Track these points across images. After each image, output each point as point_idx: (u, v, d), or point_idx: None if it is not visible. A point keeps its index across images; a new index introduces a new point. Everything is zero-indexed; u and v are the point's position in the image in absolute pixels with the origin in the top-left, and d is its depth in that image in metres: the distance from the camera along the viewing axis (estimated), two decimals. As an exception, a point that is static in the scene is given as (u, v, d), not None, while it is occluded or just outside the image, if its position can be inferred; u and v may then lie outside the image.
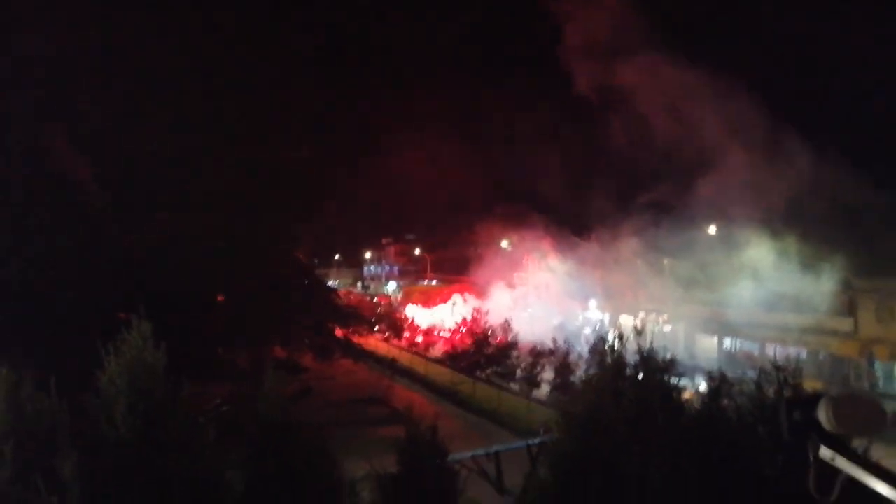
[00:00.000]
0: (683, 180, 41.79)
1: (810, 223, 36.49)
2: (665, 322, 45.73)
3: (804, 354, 35.59)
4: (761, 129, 39.80)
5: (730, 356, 41.12)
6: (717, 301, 40.35)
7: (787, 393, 7.93)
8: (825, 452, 2.56)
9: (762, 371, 9.36)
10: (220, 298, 29.17)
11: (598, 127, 48.64)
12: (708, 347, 43.80)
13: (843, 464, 2.51)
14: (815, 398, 2.64)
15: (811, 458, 2.58)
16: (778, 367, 9.11)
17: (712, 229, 43.77)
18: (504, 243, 61.94)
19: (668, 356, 9.43)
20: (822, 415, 2.55)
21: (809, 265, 36.10)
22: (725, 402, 8.94)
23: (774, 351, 36.83)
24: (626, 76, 45.16)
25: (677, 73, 42.73)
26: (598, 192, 48.77)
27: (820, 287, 35.56)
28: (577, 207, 51.37)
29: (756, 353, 39.15)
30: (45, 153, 18.83)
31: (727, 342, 43.41)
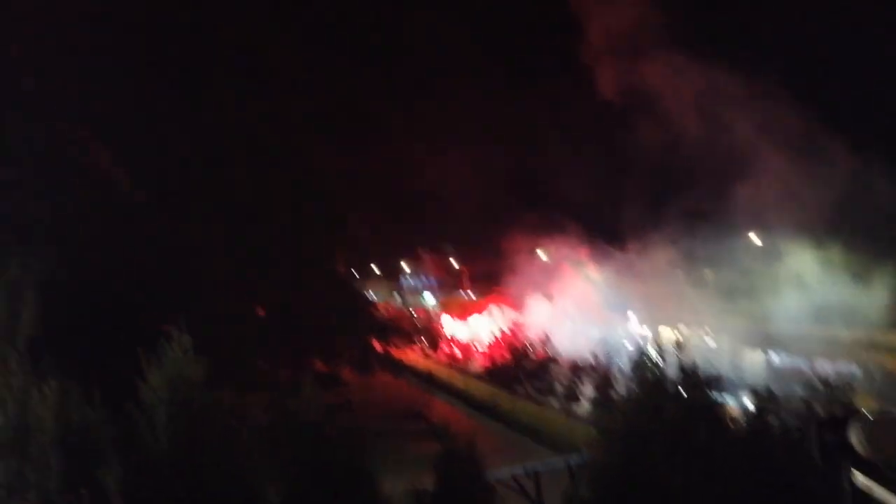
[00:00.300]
0: (724, 186, 40.88)
1: (863, 230, 35.28)
2: (708, 335, 44.62)
3: (857, 371, 34.32)
4: (805, 131, 38.78)
5: (777, 372, 39.87)
6: (763, 313, 39.19)
7: (837, 411, 7.65)
8: (860, 479, 2.35)
9: (811, 387, 9.06)
10: (261, 312, 29.61)
11: (633, 133, 47.95)
12: (754, 362, 42.55)
13: (881, 493, 2.30)
14: (846, 419, 2.44)
15: (845, 485, 2.37)
16: (827, 384, 8.80)
17: (756, 238, 42.66)
18: (541, 254, 61.43)
19: (712, 371, 9.22)
20: (855, 438, 2.36)
21: (862, 275, 34.86)
22: (771, 419, 8.68)
23: (825, 367, 35.62)
24: (659, 78, 44.56)
25: (713, 73, 42.03)
26: (636, 200, 48.02)
27: (874, 299, 34.27)
28: (615, 217, 50.66)
29: (805, 368, 37.89)
30: (90, 166, 19.49)
31: (774, 357, 42.10)
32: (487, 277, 67.61)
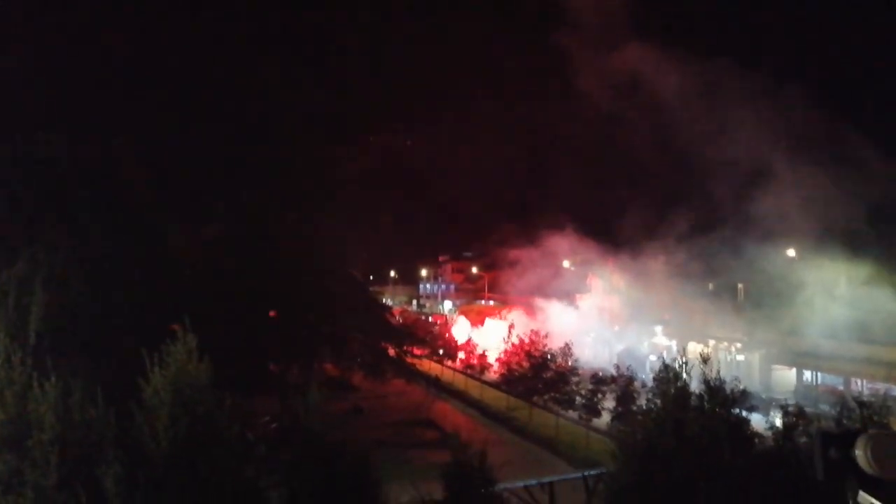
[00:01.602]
0: (759, 196, 40.45)
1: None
2: (738, 351, 44.05)
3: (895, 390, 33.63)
4: (841, 137, 38.32)
5: (809, 390, 39.22)
6: (796, 329, 38.60)
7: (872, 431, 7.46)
8: (864, 498, 2.27)
9: (844, 407, 8.85)
10: (272, 313, 29.77)
11: (663, 143, 47.81)
12: (785, 380, 41.90)
13: None
14: (854, 434, 2.35)
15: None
16: (862, 404, 8.60)
17: (792, 250, 42.02)
18: (565, 262, 61.16)
19: (740, 387, 9.06)
20: (861, 454, 2.26)
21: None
22: (803, 439, 8.52)
23: (861, 386, 34.93)
24: (688, 86, 44.38)
25: (744, 80, 41.82)
26: (664, 210, 47.75)
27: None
28: (642, 226, 50.33)
29: (840, 387, 37.19)
30: (102, 163, 19.81)
31: (807, 374, 41.43)
32: (508, 284, 67.59)
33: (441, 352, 52.75)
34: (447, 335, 58.10)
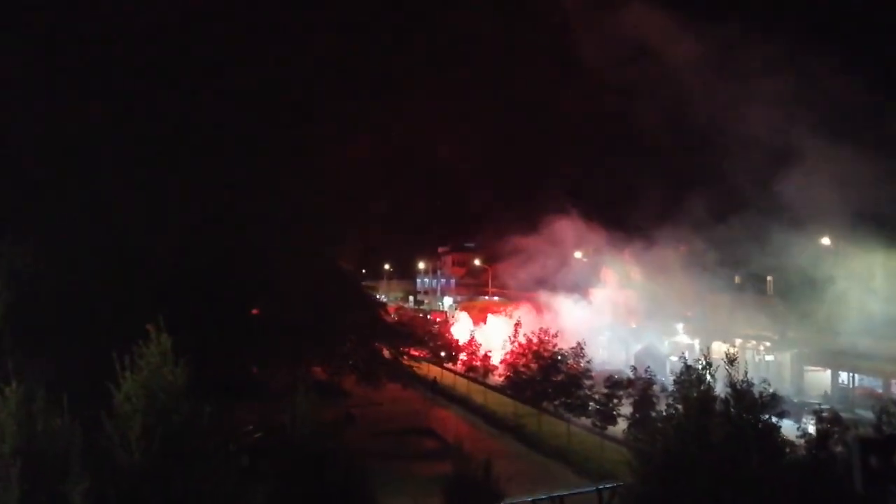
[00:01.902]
0: (788, 179, 40.39)
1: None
2: (767, 350, 44.17)
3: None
4: (878, 114, 38.23)
5: (846, 393, 39.35)
6: (831, 326, 38.66)
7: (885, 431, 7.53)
8: None
9: (884, 411, 8.88)
10: (255, 311, 29.83)
11: (687, 129, 47.76)
12: (819, 382, 42.03)
13: None
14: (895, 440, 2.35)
15: None
16: (904, 408, 8.62)
17: (826, 240, 41.99)
18: (577, 254, 61.17)
19: (769, 391, 9.09)
20: None
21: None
22: (839, 448, 8.55)
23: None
24: (716, 69, 44.33)
25: (768, 48, 41.77)
26: (686, 194, 47.68)
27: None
28: (662, 213, 50.31)
29: (879, 389, 37.31)
30: (72, 152, 19.84)
31: (843, 376, 41.55)
32: (514, 278, 67.60)
33: (441, 353, 52.86)
34: (447, 334, 58.18)
